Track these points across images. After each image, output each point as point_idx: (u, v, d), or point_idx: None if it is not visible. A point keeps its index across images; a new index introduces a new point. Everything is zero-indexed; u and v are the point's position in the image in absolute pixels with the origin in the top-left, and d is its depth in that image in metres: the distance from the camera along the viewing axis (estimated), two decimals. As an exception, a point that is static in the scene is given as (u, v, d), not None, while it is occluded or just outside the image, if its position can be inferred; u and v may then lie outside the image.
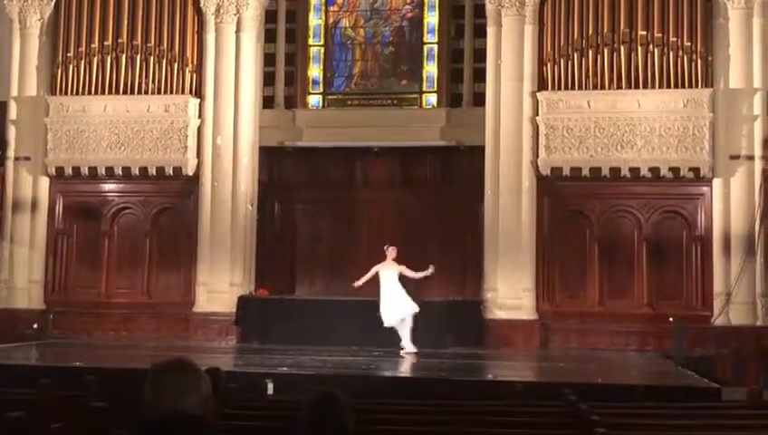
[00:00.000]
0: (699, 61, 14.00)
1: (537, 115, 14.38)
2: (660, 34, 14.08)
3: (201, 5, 15.44)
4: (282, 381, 9.38)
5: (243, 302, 14.68)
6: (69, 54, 15.55)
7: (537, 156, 14.33)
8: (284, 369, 10.60)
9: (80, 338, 14.71)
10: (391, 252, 13.16)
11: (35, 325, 14.67)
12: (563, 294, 14.46)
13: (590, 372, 11.35)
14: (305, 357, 11.77)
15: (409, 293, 13.06)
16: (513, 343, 14.02)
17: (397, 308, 12.86)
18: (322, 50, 16.96)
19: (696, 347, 13.21)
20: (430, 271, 12.96)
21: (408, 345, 12.78)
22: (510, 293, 14.22)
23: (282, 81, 16.77)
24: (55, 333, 14.69)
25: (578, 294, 14.41)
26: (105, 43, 15.47)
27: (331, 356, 12.02)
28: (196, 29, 15.54)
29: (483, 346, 13.88)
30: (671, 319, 13.24)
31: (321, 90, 16.92)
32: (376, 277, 13.10)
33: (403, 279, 13.10)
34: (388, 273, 13.02)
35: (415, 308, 12.86)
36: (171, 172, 15.28)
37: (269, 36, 16.58)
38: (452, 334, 13.90)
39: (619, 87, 14.17)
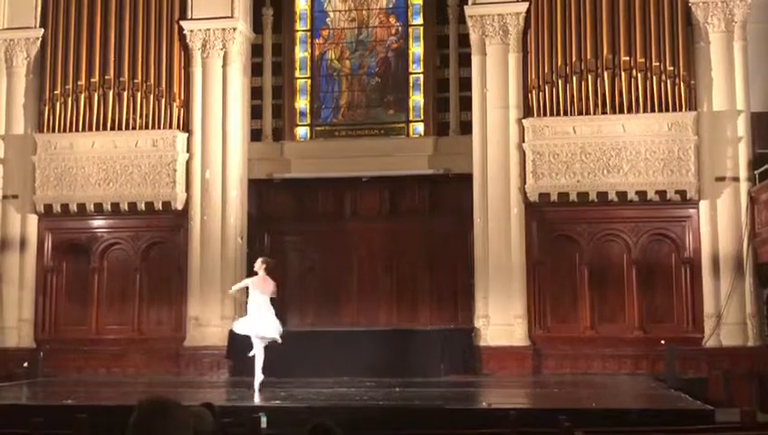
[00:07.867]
0: (682, 84, 14.14)
1: (524, 142, 14.47)
2: (643, 59, 14.23)
3: (187, 41, 15.54)
4: (275, 414, 9.32)
5: (234, 335, 14.58)
6: (56, 92, 15.61)
7: (525, 182, 14.40)
8: (277, 402, 10.55)
9: (71, 376, 14.61)
10: (261, 266, 12.01)
11: (26, 364, 14.54)
12: (555, 319, 14.46)
13: (583, 398, 11.32)
14: (298, 389, 11.70)
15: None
16: (507, 370, 14.00)
17: (263, 326, 11.80)
18: (309, 82, 17.06)
19: (689, 369, 13.24)
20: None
21: (259, 375, 11.78)
22: (502, 319, 14.23)
23: (269, 113, 16.83)
24: (46, 371, 14.57)
25: (569, 319, 14.42)
26: (92, 79, 15.53)
27: (323, 388, 11.95)
28: (182, 64, 15.62)
29: (476, 374, 13.88)
30: (663, 342, 13.26)
31: (309, 121, 16.98)
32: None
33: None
34: (259, 290, 11.95)
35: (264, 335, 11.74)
36: (160, 207, 15.28)
37: (256, 70, 16.68)
38: (445, 363, 13.87)
39: (604, 112, 14.30)
